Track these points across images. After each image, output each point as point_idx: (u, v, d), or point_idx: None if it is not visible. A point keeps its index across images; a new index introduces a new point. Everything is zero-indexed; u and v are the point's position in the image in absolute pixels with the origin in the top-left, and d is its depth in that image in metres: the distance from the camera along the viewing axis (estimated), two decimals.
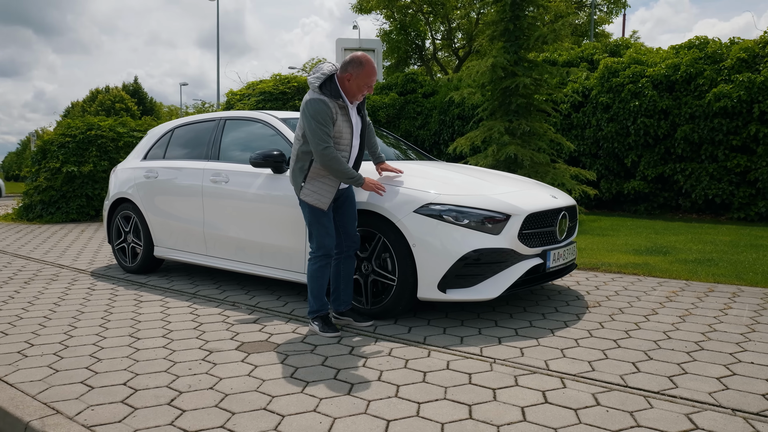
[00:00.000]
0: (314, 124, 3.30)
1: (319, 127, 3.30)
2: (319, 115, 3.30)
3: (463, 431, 2.25)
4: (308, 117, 3.32)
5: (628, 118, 11.36)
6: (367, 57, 3.40)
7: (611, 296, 4.40)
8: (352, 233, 3.60)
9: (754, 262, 5.69)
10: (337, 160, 3.34)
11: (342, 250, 3.60)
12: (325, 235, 3.47)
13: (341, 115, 3.40)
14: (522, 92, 9.89)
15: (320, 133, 3.30)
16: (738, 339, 3.32)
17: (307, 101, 3.35)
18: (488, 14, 10.84)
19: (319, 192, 3.43)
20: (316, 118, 3.30)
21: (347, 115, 3.44)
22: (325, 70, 3.40)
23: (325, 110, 3.30)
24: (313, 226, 3.47)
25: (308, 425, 2.33)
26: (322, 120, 3.30)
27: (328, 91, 3.35)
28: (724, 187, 10.22)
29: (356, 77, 3.38)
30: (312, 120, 3.30)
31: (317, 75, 3.38)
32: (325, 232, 3.47)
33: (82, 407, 2.52)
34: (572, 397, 2.55)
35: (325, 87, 3.36)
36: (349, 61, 3.39)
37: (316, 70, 3.42)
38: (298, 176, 3.48)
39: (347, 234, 3.59)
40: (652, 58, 11.71)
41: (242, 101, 14.96)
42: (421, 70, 18.75)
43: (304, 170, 3.44)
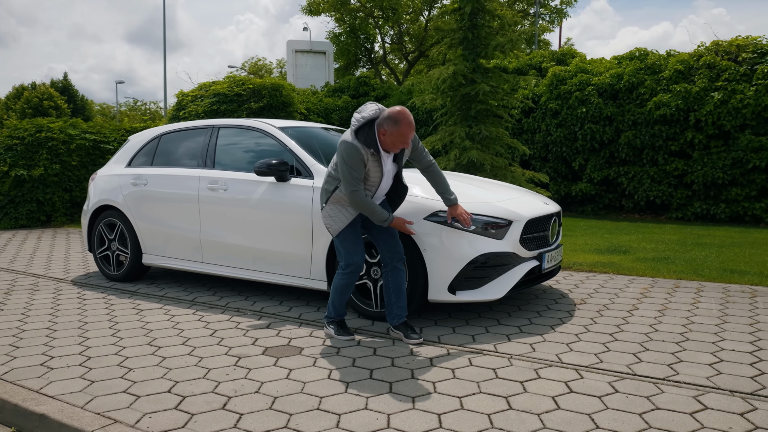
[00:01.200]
0: (345, 167, 3.36)
1: (349, 170, 3.35)
2: (350, 159, 3.34)
3: (508, 420, 2.50)
4: (341, 158, 3.38)
5: (576, 124, 12.02)
6: (404, 115, 3.34)
7: (592, 294, 4.78)
8: (393, 244, 3.62)
9: (705, 259, 6.26)
10: (365, 202, 3.39)
11: (387, 262, 3.63)
12: (354, 252, 3.55)
13: (373, 161, 3.42)
14: (481, 99, 10.31)
15: (350, 177, 3.37)
16: (715, 330, 3.74)
17: (343, 143, 3.39)
18: (447, 22, 11.20)
19: (333, 217, 3.53)
20: (348, 162, 3.35)
21: (379, 160, 3.45)
22: (368, 113, 3.42)
23: (356, 156, 3.34)
24: (341, 243, 3.56)
25: (366, 422, 2.51)
26: (353, 165, 3.34)
27: (363, 138, 3.37)
28: (664, 189, 11.01)
29: (390, 135, 3.36)
30: (344, 163, 3.36)
31: (359, 117, 3.42)
32: (354, 249, 3.55)
33: (138, 415, 2.60)
34: (592, 386, 2.85)
35: (361, 133, 3.38)
36: (387, 116, 3.36)
37: (361, 110, 3.46)
38: (323, 196, 3.59)
39: (388, 246, 3.61)
40: (597, 67, 12.43)
41: (195, 102, 14.71)
42: (370, 73, 18.98)
43: (328, 192, 3.53)
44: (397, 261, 3.61)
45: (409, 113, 3.37)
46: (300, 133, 4.87)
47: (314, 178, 4.36)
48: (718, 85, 10.37)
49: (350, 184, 3.37)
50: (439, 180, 3.70)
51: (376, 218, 3.44)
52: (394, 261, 3.61)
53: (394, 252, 3.61)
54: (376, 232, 3.63)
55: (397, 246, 3.62)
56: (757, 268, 5.66)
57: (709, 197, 10.57)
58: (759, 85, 9.89)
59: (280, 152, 4.66)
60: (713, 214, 10.51)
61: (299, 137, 4.77)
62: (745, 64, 10.34)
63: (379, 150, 3.43)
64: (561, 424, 2.46)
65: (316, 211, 4.24)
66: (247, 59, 51.23)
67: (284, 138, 4.67)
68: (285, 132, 4.76)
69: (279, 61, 47.96)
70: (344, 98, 17.23)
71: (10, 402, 2.78)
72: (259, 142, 4.85)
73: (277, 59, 54.16)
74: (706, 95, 10.45)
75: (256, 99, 14.21)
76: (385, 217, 3.44)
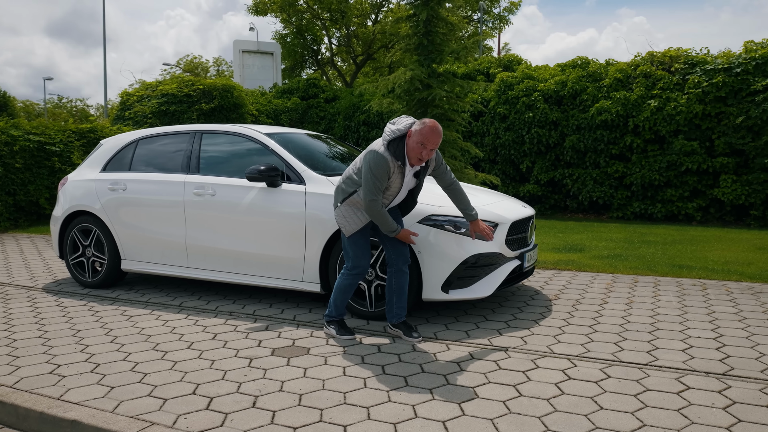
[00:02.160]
0: (370, 176, 3.49)
1: (373, 180, 3.49)
2: (377, 168, 3.48)
3: (522, 406, 2.76)
4: (367, 166, 3.51)
5: (523, 128, 12.59)
6: (433, 125, 3.47)
7: (562, 290, 5.15)
8: (401, 248, 3.78)
9: (654, 256, 6.81)
10: (380, 213, 3.54)
11: (393, 264, 3.79)
12: (362, 255, 3.72)
13: (397, 173, 3.58)
14: (437, 103, 10.65)
15: (372, 187, 3.50)
16: (679, 320, 4.15)
17: (372, 152, 3.52)
18: (402, 28, 11.48)
19: (348, 218, 3.68)
20: (373, 171, 3.48)
21: (402, 173, 3.60)
22: (401, 126, 3.56)
23: (384, 168, 3.48)
24: (350, 245, 3.72)
25: (394, 413, 2.71)
26: (379, 175, 3.49)
27: (393, 150, 3.52)
28: (606, 190, 11.72)
29: (414, 134, 3.49)
30: (369, 172, 3.49)
31: (394, 128, 3.55)
32: (362, 253, 3.72)
33: (173, 417, 2.70)
34: (587, 373, 3.16)
35: (392, 145, 3.54)
36: (418, 122, 3.52)
37: (395, 122, 3.60)
38: (339, 195, 3.73)
39: (395, 248, 3.77)
40: (542, 74, 13.05)
41: (141, 103, 14.36)
42: (317, 74, 19.05)
43: (346, 193, 3.67)
44: (402, 264, 3.79)
45: (438, 125, 3.52)
46: (286, 140, 4.98)
47: (306, 183, 4.50)
48: (654, 93, 11.14)
49: (371, 192, 3.51)
50: (460, 197, 3.86)
51: (385, 228, 3.60)
52: (399, 264, 3.78)
53: (401, 255, 3.78)
54: (384, 235, 3.79)
55: (404, 250, 3.78)
56: (701, 263, 6.23)
57: (647, 198, 11.35)
58: (690, 93, 10.71)
59: (267, 158, 4.76)
60: (650, 214, 11.28)
61: (285, 143, 4.89)
62: (677, 74, 11.17)
63: (406, 163, 3.58)
64: (570, 407, 2.74)
65: (309, 216, 4.38)
66: (182, 57, 49.95)
67: (272, 144, 4.78)
68: (272, 138, 4.87)
69: (216, 59, 47.01)
70: (294, 100, 17.23)
71: (35, 410, 2.80)
72: (245, 148, 4.93)
73: (214, 57, 53.06)
74: (643, 102, 11.21)
75: (207, 100, 14.04)
76: (395, 228, 3.59)
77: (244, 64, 19.74)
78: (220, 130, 5.12)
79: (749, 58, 10.35)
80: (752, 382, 2.99)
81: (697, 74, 10.82)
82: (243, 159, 4.89)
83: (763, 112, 9.90)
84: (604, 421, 2.58)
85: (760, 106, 9.96)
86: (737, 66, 10.40)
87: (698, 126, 10.76)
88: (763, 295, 4.82)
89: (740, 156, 10.44)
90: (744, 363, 3.27)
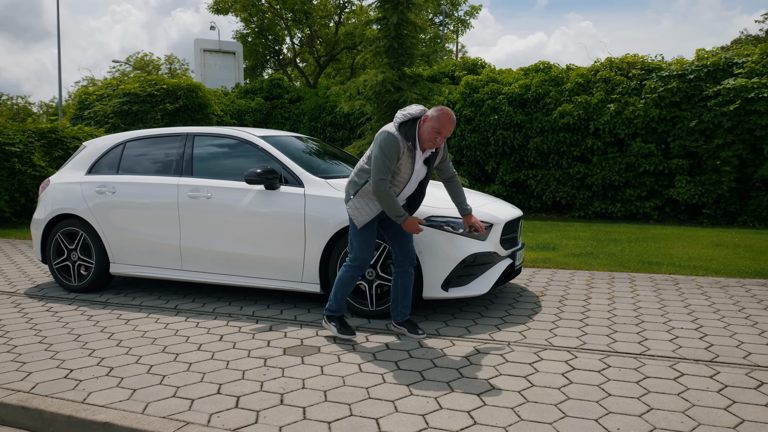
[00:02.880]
0: (380, 154, 3.56)
1: (383, 159, 3.55)
2: (387, 147, 3.55)
3: (537, 395, 2.95)
4: (378, 145, 3.59)
5: (489, 130, 12.94)
6: (449, 112, 3.59)
7: (546, 287, 5.40)
8: (408, 249, 3.89)
9: (622, 253, 7.18)
10: (387, 193, 3.58)
11: (399, 265, 3.90)
12: (365, 248, 3.79)
13: (407, 156, 3.64)
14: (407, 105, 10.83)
15: (381, 165, 3.56)
16: (660, 313, 4.45)
17: (384, 131, 3.61)
18: (371, 31, 11.63)
19: (360, 209, 3.75)
20: (384, 150, 3.55)
21: (413, 158, 3.67)
22: (413, 111, 3.65)
23: (394, 145, 3.55)
24: (355, 237, 3.80)
25: (420, 405, 2.85)
26: (388, 153, 3.55)
27: (404, 131, 3.60)
28: (568, 191, 12.18)
29: (430, 119, 3.58)
30: (380, 150, 3.56)
31: (405, 113, 3.64)
32: (365, 245, 3.79)
33: (205, 416, 2.76)
34: (588, 363, 3.38)
35: (403, 127, 3.61)
36: (432, 109, 3.63)
37: (406, 108, 3.68)
38: (351, 188, 3.80)
39: (402, 249, 3.88)
40: (506, 77, 13.44)
41: (102, 102, 14.00)
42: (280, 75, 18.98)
43: (358, 185, 3.75)
44: (409, 266, 3.91)
45: (453, 113, 3.63)
46: (280, 143, 5.05)
47: (305, 186, 4.58)
48: (613, 97, 11.66)
49: (380, 171, 3.57)
50: (457, 191, 4.00)
51: (393, 212, 3.62)
52: (406, 265, 3.91)
53: (408, 257, 3.90)
54: (392, 235, 3.89)
55: (411, 251, 3.91)
56: (668, 260, 6.62)
57: (607, 197, 11.85)
58: (647, 98, 11.26)
59: (263, 161, 4.82)
60: (611, 213, 11.79)
61: (280, 146, 4.96)
62: (635, 80, 11.72)
63: (416, 146, 3.67)
64: (580, 394, 2.94)
65: (308, 218, 4.47)
66: (132, 54, 48.63)
67: (269, 148, 4.84)
68: (267, 141, 4.93)
69: (168, 57, 46.00)
70: (257, 100, 17.15)
71: (62, 414, 2.81)
72: (239, 151, 4.97)
73: (166, 55, 51.85)
74: (603, 106, 11.72)
75: (172, 100, 13.83)
76: (402, 213, 3.63)
77: (206, 64, 19.46)
78: (214, 132, 5.14)
79: (701, 66, 10.96)
80: (738, 368, 3.27)
81: (653, 80, 11.39)
82: (238, 162, 4.93)
83: (715, 116, 10.50)
84: (615, 407, 2.80)
85: (711, 111, 10.57)
86: (690, 73, 11.00)
87: (655, 129, 11.32)
88: (730, 289, 5.19)
89: (694, 158, 11.04)
90: (727, 350, 3.56)
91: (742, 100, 10.20)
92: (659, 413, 2.71)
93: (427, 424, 2.65)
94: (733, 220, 10.67)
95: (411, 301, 4.03)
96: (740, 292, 5.06)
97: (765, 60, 10.51)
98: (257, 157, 4.86)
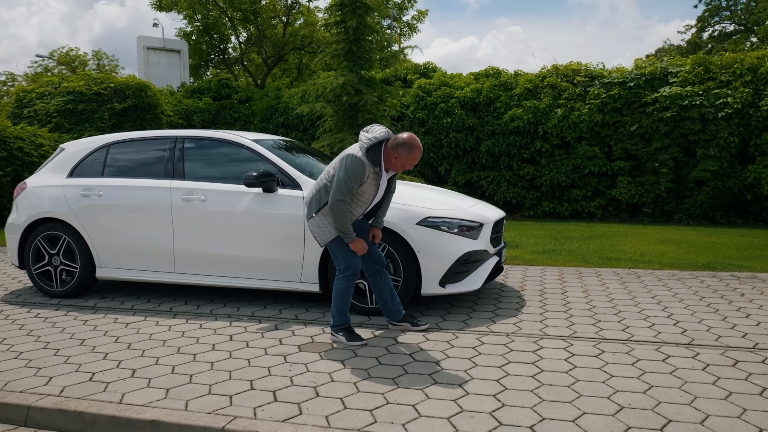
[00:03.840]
0: (344, 176, 3.68)
1: (347, 180, 3.67)
2: (353, 172, 3.67)
3: (549, 378, 3.25)
4: (343, 168, 3.69)
5: (442, 133, 13.34)
6: (417, 141, 3.76)
7: (524, 283, 5.77)
8: (377, 254, 4.10)
9: (581, 249, 7.69)
10: (343, 213, 3.71)
11: (373, 272, 4.10)
12: (351, 255, 3.92)
13: (372, 179, 3.78)
14: (369, 108, 11.06)
15: (343, 187, 3.68)
16: (633, 303, 4.88)
17: (351, 155, 3.71)
18: (323, 33, 11.77)
19: (323, 228, 3.86)
20: (349, 173, 3.67)
21: (378, 180, 3.83)
22: (378, 134, 3.75)
23: (359, 170, 3.68)
24: (338, 249, 3.90)
25: (448, 392, 3.08)
26: (353, 177, 3.68)
27: (371, 157, 3.72)
28: (518, 191, 12.75)
29: (403, 159, 3.75)
30: (345, 173, 3.68)
31: (370, 137, 3.74)
32: (350, 253, 3.92)
33: (249, 410, 2.89)
34: (584, 350, 3.72)
35: (370, 152, 3.73)
36: (402, 143, 3.72)
37: (369, 130, 3.80)
38: (313, 206, 3.90)
39: (372, 257, 4.08)
40: (458, 82, 13.89)
41: (43, 100, 13.42)
42: (228, 75, 18.74)
43: (320, 203, 3.86)
44: (381, 266, 4.11)
45: (418, 140, 3.81)
46: (272, 146, 5.16)
47: (302, 189, 4.72)
48: (560, 102, 12.31)
49: (341, 192, 3.69)
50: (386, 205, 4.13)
51: (344, 230, 3.76)
52: (378, 266, 4.10)
53: (377, 261, 4.09)
54: None
55: (379, 255, 4.10)
56: (624, 255, 7.16)
57: (555, 198, 12.50)
58: (591, 104, 11.97)
59: (257, 164, 4.92)
60: (558, 212, 12.45)
61: (273, 150, 5.07)
62: (579, 86, 12.42)
63: (382, 170, 3.84)
64: (587, 377, 3.27)
65: None
66: (56, 48, 46.27)
67: (264, 151, 4.95)
68: (261, 145, 5.03)
69: (96, 53, 44.08)
70: (205, 100, 16.89)
71: (104, 414, 2.87)
72: (232, 154, 5.04)
73: (94, 50, 49.57)
74: (550, 111, 12.35)
75: (120, 99, 13.44)
76: (351, 233, 3.79)
77: (149, 62, 18.89)
78: (205, 136, 5.18)
79: (640, 74, 11.77)
80: (713, 349, 3.70)
81: (596, 87, 12.11)
82: (231, 165, 5.01)
83: (653, 122, 11.32)
84: (620, 386, 3.13)
85: (650, 117, 11.38)
86: (630, 81, 11.79)
87: (598, 133, 12.05)
88: (687, 281, 5.72)
89: (634, 160, 11.84)
90: (699, 334, 3.99)
91: (677, 107, 11.05)
92: (660, 389, 3.07)
93: (461, 408, 2.89)
94: (669, 218, 11.53)
95: (398, 297, 4.25)
96: (696, 283, 5.60)
97: (696, 70, 11.43)
98: (250, 161, 4.95)
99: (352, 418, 2.79)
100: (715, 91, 10.93)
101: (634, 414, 2.80)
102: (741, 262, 6.64)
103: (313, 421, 2.77)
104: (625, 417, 2.77)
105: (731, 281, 5.64)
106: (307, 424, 2.74)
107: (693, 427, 2.66)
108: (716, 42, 31.12)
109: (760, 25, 28.63)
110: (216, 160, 5.09)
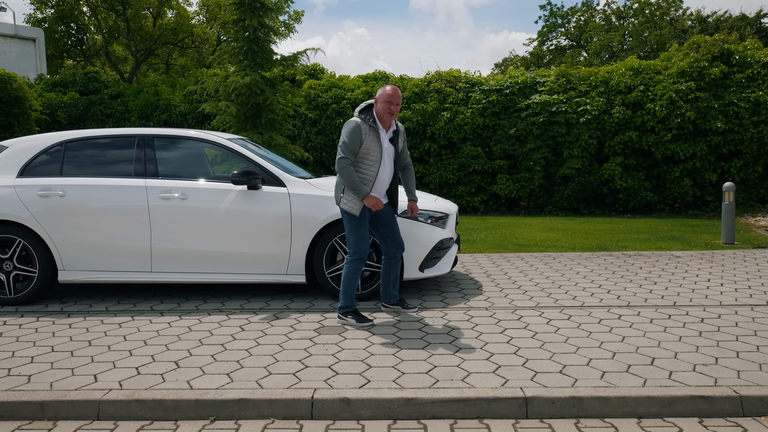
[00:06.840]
0: (346, 138, 4.16)
1: (347, 142, 4.16)
2: (350, 132, 4.16)
3: (545, 338, 3.95)
4: (343, 131, 4.22)
5: (334, 133, 13.83)
6: (391, 86, 4.25)
7: (466, 268, 6.50)
8: (398, 240, 4.52)
9: (489, 238, 8.66)
10: (348, 169, 4.14)
11: (391, 255, 4.53)
12: (361, 241, 4.35)
13: (371, 136, 4.23)
14: (273, 108, 11.21)
15: (344, 147, 4.16)
16: (565, 278, 5.80)
17: (349, 121, 4.25)
18: (229, 32, 11.69)
19: (352, 201, 4.27)
20: (347, 134, 4.17)
21: (378, 137, 4.26)
22: (367, 102, 4.36)
23: (356, 129, 4.15)
24: (351, 233, 4.35)
25: (478, 354, 3.64)
26: (350, 138, 4.15)
27: (364, 115, 4.26)
28: None
29: (379, 98, 4.24)
30: (344, 135, 4.19)
31: (361, 105, 4.32)
32: (361, 239, 4.34)
33: (320, 383, 3.22)
34: (556, 315, 4.49)
35: (363, 112, 4.27)
36: (379, 90, 4.29)
37: (361, 105, 4.32)
38: (339, 187, 4.32)
39: (394, 241, 4.51)
40: (347, 84, 14.45)
41: None
42: (93, 68, 17.39)
43: (342, 184, 4.28)
44: (399, 252, 4.60)
45: (396, 87, 4.32)
46: (247, 146, 5.33)
47: (287, 186, 4.99)
48: (446, 106, 13.41)
49: (342, 151, 4.16)
50: (409, 179, 4.65)
51: (353, 185, 4.15)
52: (397, 253, 4.59)
53: (400, 246, 4.57)
54: (385, 230, 4.49)
55: (401, 240, 4.57)
56: (528, 242, 8.24)
57: (443, 194, 13.58)
58: (473, 108, 13.21)
59: (234, 163, 5.08)
60: None
61: (249, 149, 5.25)
62: (462, 92, 13.63)
63: (377, 122, 4.26)
64: (573, 334, 4.02)
65: (295, 215, 4.90)
66: None
67: (243, 150, 5.11)
68: (237, 144, 5.18)
69: None
70: (71, 94, 15.66)
71: (187, 399, 3.02)
72: (206, 153, 5.14)
73: None
74: (437, 114, 13.40)
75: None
76: (360, 188, 4.16)
77: None
78: (177, 135, 5.19)
79: (514, 83, 13.25)
80: (648, 308, 4.68)
81: (477, 93, 13.39)
82: (207, 163, 5.10)
83: (527, 125, 12.81)
84: (602, 338, 3.92)
85: (524, 121, 12.87)
86: (506, 88, 13.21)
87: (480, 135, 13.34)
88: (593, 260, 6.85)
89: (511, 159, 13.29)
90: (631, 298, 4.97)
91: (547, 113, 12.64)
92: (632, 338, 3.91)
93: (497, 364, 3.48)
94: (541, 210, 13.13)
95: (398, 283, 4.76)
96: (600, 261, 6.74)
97: (560, 81, 13.15)
98: (226, 159, 5.10)
99: (417, 381, 3.25)
100: (576, 99, 12.70)
101: (626, 357, 3.59)
102: (623, 243, 8.03)
103: (387, 386, 3.18)
104: (621, 359, 3.55)
105: (627, 258, 6.88)
106: (383, 388, 3.14)
107: (671, 361, 3.50)
108: (554, 55, 35.13)
109: (590, 42, 32.91)
110: (191, 158, 5.14)
